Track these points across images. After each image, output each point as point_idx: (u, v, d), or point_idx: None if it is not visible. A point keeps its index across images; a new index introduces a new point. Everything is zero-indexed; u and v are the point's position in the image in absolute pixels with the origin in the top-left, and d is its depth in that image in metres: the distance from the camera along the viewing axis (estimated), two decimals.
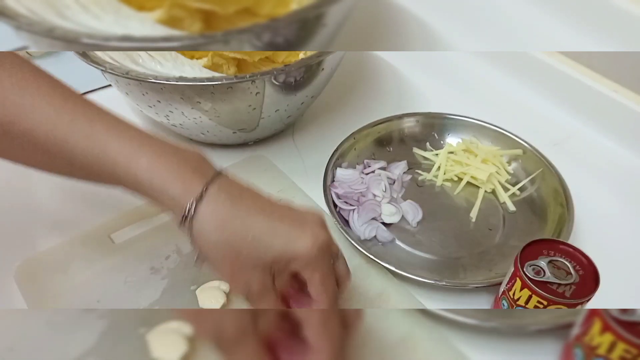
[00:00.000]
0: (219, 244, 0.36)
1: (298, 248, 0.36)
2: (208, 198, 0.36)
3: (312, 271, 0.37)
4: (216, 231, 0.36)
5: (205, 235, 0.36)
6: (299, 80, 0.53)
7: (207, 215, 0.36)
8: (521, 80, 0.71)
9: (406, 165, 0.59)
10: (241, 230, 0.36)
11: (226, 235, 0.36)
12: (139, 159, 0.36)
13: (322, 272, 0.38)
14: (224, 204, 0.36)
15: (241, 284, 0.37)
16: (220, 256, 0.37)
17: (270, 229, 0.36)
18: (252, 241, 0.36)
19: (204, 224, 0.36)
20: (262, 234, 0.36)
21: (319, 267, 0.38)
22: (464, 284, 0.47)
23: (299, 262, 0.37)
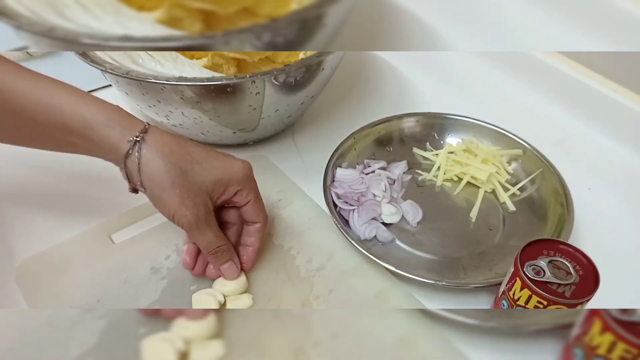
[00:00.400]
0: (169, 168, 0.40)
1: (235, 169, 0.43)
2: (153, 130, 0.41)
3: (248, 191, 0.44)
4: (165, 157, 0.40)
5: (154, 162, 0.40)
6: (299, 80, 0.53)
7: (156, 144, 0.40)
8: (521, 80, 0.71)
9: (406, 165, 0.59)
10: (186, 156, 0.41)
11: (174, 159, 0.40)
12: (84, 103, 0.40)
13: (255, 191, 0.45)
14: (167, 135, 0.41)
15: (188, 209, 0.41)
16: (170, 181, 0.40)
17: (209, 156, 0.42)
18: (196, 164, 0.41)
19: (152, 152, 0.40)
20: (203, 159, 0.42)
21: (254, 188, 0.45)
22: (464, 284, 0.47)
23: (236, 183, 0.43)
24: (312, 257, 0.49)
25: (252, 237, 0.47)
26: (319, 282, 0.47)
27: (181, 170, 0.41)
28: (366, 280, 0.48)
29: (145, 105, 0.54)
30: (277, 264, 0.49)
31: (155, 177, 0.40)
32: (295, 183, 0.57)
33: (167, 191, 0.41)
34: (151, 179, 0.41)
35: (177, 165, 0.40)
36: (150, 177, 0.41)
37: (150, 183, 0.41)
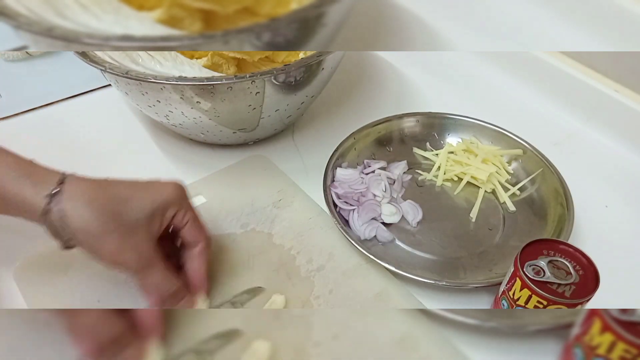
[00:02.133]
0: (97, 215, 0.37)
1: (167, 192, 0.40)
2: (69, 179, 0.38)
3: (185, 211, 0.42)
4: (89, 205, 0.37)
5: (80, 212, 0.37)
6: (299, 80, 0.53)
7: (76, 193, 0.37)
8: (521, 80, 0.71)
9: (406, 165, 0.59)
10: (111, 198, 0.38)
11: (99, 205, 0.37)
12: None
13: (193, 212, 0.43)
14: (85, 181, 0.39)
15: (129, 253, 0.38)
16: (102, 229, 0.37)
17: (135, 190, 0.39)
18: (125, 203, 0.38)
19: (75, 202, 0.37)
20: (130, 195, 0.39)
21: (190, 207, 0.43)
22: (464, 284, 0.47)
23: (172, 206, 0.40)
24: (312, 257, 0.49)
25: (196, 260, 0.43)
26: (319, 282, 0.47)
27: (111, 214, 0.37)
28: (366, 280, 0.48)
29: (145, 105, 0.54)
30: (277, 264, 0.49)
31: (85, 228, 0.37)
32: (296, 183, 0.57)
33: (102, 240, 0.38)
34: (81, 231, 0.37)
35: (106, 210, 0.37)
36: (79, 229, 0.37)
37: (81, 236, 0.38)
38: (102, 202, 0.37)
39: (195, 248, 0.43)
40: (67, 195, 0.37)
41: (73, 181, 0.38)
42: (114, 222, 0.37)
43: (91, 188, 0.38)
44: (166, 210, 0.41)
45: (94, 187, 0.38)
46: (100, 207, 0.37)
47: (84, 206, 0.37)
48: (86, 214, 0.37)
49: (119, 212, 0.38)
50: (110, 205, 0.37)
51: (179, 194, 0.42)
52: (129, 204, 0.38)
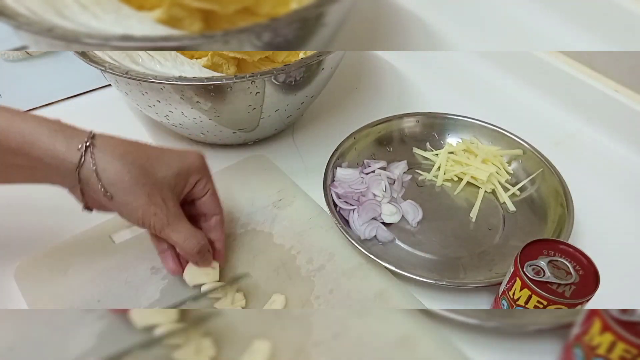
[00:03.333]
0: (129, 169, 0.38)
1: (191, 159, 0.42)
2: (99, 135, 0.39)
3: (207, 181, 0.44)
4: (122, 158, 0.38)
5: (112, 165, 0.38)
6: (299, 80, 0.53)
7: (108, 147, 0.38)
8: (521, 80, 0.71)
9: (406, 165, 0.59)
10: (141, 154, 0.40)
11: (131, 158, 0.39)
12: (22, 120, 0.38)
13: (213, 183, 0.45)
14: (115, 137, 0.40)
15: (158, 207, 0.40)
16: (134, 181, 0.39)
17: (162, 153, 0.41)
18: (154, 160, 0.40)
19: (107, 156, 0.38)
20: (159, 154, 0.41)
21: (211, 178, 0.45)
22: (464, 284, 0.47)
23: (195, 172, 0.43)
24: (312, 257, 0.49)
25: (216, 231, 0.46)
26: (319, 282, 0.47)
27: (141, 168, 0.39)
28: (366, 280, 0.48)
29: (145, 105, 0.54)
30: (278, 263, 0.49)
31: (117, 180, 0.38)
32: (296, 183, 0.57)
33: (133, 192, 0.39)
34: (113, 183, 0.38)
35: (136, 164, 0.39)
36: (111, 182, 0.38)
37: (113, 188, 0.38)
38: (133, 157, 0.39)
39: (213, 218, 0.46)
40: (99, 149, 0.38)
41: (104, 137, 0.40)
42: (144, 176, 0.39)
43: (122, 144, 0.40)
44: (190, 175, 0.43)
45: (124, 144, 0.40)
46: (132, 161, 0.39)
47: (116, 159, 0.38)
48: (118, 167, 0.38)
49: (149, 168, 0.40)
50: (140, 160, 0.39)
51: (202, 163, 0.44)
52: (157, 161, 0.40)
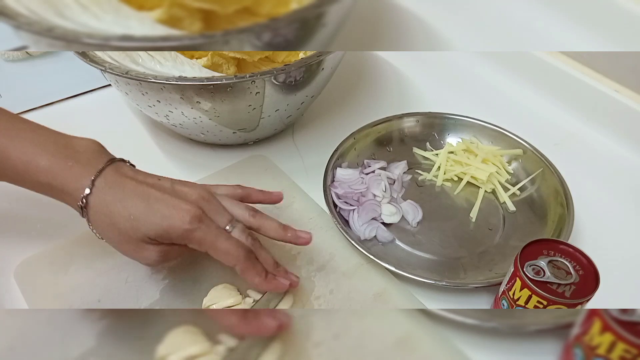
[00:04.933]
0: (109, 227, 0.41)
1: (172, 224, 0.40)
2: (95, 191, 0.41)
3: (198, 244, 0.41)
4: (105, 217, 0.41)
5: (98, 222, 0.42)
6: (299, 80, 0.53)
7: (96, 206, 0.41)
8: (521, 80, 0.71)
9: (406, 165, 0.59)
10: (123, 213, 0.41)
11: (113, 218, 0.41)
12: (36, 162, 0.41)
13: (206, 240, 0.41)
14: (108, 193, 0.41)
15: (141, 256, 0.42)
16: (115, 238, 0.42)
17: (147, 210, 0.41)
18: (134, 222, 0.40)
19: (95, 213, 0.41)
20: (140, 214, 0.40)
21: (200, 237, 0.41)
22: (464, 284, 0.47)
23: (178, 237, 0.41)
24: (312, 257, 0.49)
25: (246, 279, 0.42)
26: (319, 283, 0.47)
27: (119, 229, 0.41)
28: (366, 280, 0.48)
29: (145, 105, 0.54)
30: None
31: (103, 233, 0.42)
32: (296, 183, 0.57)
33: (117, 246, 0.43)
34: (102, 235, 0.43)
35: (114, 225, 0.41)
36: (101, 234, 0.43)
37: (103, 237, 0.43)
38: (114, 217, 0.41)
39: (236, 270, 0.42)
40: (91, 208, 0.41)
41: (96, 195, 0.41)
42: (122, 233, 0.41)
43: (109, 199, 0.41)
44: (171, 240, 0.41)
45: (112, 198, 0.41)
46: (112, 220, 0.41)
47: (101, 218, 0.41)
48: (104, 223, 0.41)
49: (127, 228, 0.41)
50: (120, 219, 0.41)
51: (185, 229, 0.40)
52: (135, 222, 0.40)
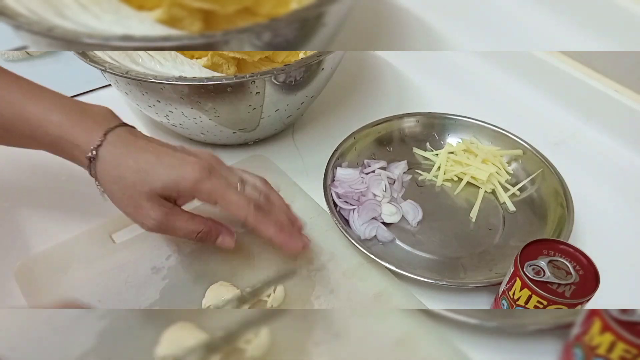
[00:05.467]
0: (116, 179, 0.42)
1: (181, 174, 0.41)
2: (106, 144, 0.42)
3: (204, 195, 0.42)
4: (113, 169, 0.41)
5: (105, 173, 0.42)
6: (299, 80, 0.53)
7: (106, 156, 0.41)
8: (521, 80, 0.71)
9: (406, 165, 0.59)
10: (132, 165, 0.41)
11: (121, 170, 0.41)
12: (49, 117, 0.42)
13: (216, 191, 0.42)
14: (119, 146, 0.42)
15: (143, 216, 0.42)
16: (120, 191, 0.42)
17: (155, 161, 0.42)
18: (141, 172, 0.41)
19: (104, 164, 0.42)
20: (148, 165, 0.41)
21: (209, 188, 0.42)
22: (464, 284, 0.47)
23: (186, 188, 0.41)
24: (312, 257, 0.49)
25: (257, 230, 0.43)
26: (320, 282, 0.47)
27: (126, 181, 0.41)
28: (367, 280, 0.48)
29: (145, 105, 0.54)
30: (278, 264, 0.49)
31: (108, 186, 0.43)
32: (296, 183, 0.57)
33: (119, 199, 0.43)
34: (105, 188, 0.43)
35: (122, 176, 0.41)
36: (104, 186, 0.43)
37: (107, 192, 0.43)
38: (123, 168, 0.41)
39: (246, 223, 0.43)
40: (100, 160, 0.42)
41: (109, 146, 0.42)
42: (128, 186, 0.41)
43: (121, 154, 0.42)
44: (181, 192, 0.42)
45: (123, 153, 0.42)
46: (120, 172, 0.41)
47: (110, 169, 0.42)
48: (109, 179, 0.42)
49: (135, 180, 0.41)
50: (129, 172, 0.41)
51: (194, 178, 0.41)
52: (143, 174, 0.41)
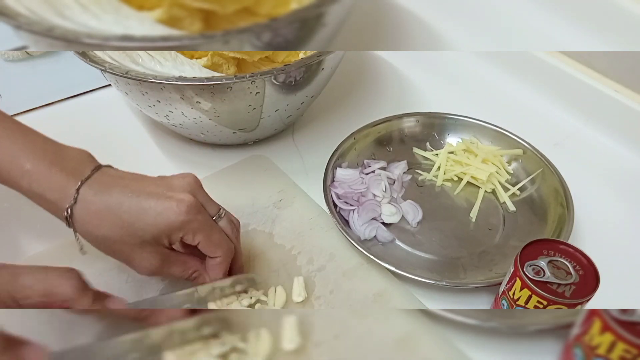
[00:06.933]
0: (102, 239, 0.40)
1: (168, 219, 0.39)
2: (81, 201, 0.39)
3: (192, 235, 0.41)
4: (95, 229, 0.39)
5: (87, 234, 0.40)
6: (299, 80, 0.53)
7: (83, 217, 0.39)
8: (521, 80, 0.71)
9: (406, 165, 0.59)
10: (115, 221, 0.39)
11: (104, 230, 0.39)
12: (21, 165, 0.39)
13: (202, 230, 0.41)
14: (95, 202, 0.39)
15: (135, 266, 0.41)
16: (107, 248, 0.40)
17: (139, 210, 0.39)
18: (127, 227, 0.39)
19: (83, 226, 0.39)
20: (132, 217, 0.39)
21: (198, 228, 0.41)
22: (464, 284, 0.47)
23: (176, 230, 0.40)
24: (312, 257, 0.49)
25: (213, 271, 0.43)
26: (320, 283, 0.47)
27: (112, 239, 0.39)
28: (367, 280, 0.48)
29: (145, 105, 0.54)
30: (278, 264, 0.49)
31: (94, 244, 0.41)
32: (296, 183, 0.57)
33: (113, 255, 0.41)
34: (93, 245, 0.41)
35: (107, 236, 0.39)
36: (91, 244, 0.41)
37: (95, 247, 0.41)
38: (106, 227, 0.39)
39: (213, 260, 0.43)
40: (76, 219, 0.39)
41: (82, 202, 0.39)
42: (117, 242, 0.39)
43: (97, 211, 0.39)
44: (171, 235, 0.40)
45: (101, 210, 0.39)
46: (103, 232, 0.39)
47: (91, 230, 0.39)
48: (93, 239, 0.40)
49: (122, 235, 0.39)
50: (113, 228, 0.39)
51: (181, 219, 0.40)
52: (130, 228, 0.39)
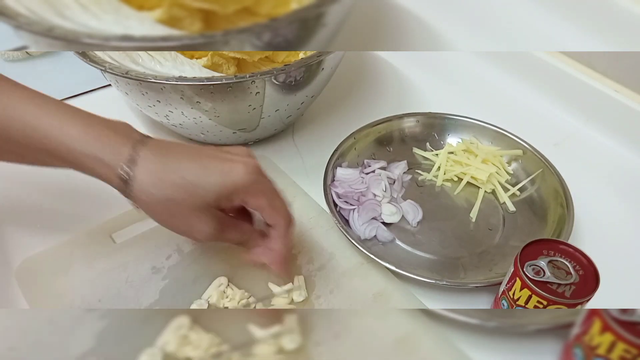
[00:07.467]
0: (161, 200, 0.38)
1: (233, 178, 0.38)
2: (140, 160, 0.38)
3: (256, 197, 0.40)
4: (155, 188, 0.37)
5: (146, 195, 0.38)
6: (299, 80, 0.53)
7: (143, 176, 0.37)
8: (521, 80, 0.71)
9: (406, 165, 0.59)
10: (177, 180, 0.37)
11: (165, 189, 0.37)
12: (69, 130, 0.38)
13: (266, 193, 0.40)
14: (155, 161, 0.38)
15: (194, 231, 0.39)
16: (166, 211, 0.39)
17: (202, 170, 0.38)
18: (190, 187, 0.38)
19: (142, 185, 0.37)
20: (196, 177, 0.38)
21: (263, 190, 0.40)
22: (464, 284, 0.47)
23: (240, 192, 0.39)
24: (313, 257, 0.49)
25: (274, 241, 0.43)
26: (320, 282, 0.47)
27: (173, 200, 0.38)
28: (367, 280, 0.48)
29: (145, 105, 0.54)
30: None
31: (151, 208, 0.39)
32: (296, 183, 0.57)
33: (167, 220, 0.40)
34: (149, 210, 0.39)
35: (168, 196, 0.38)
36: (146, 207, 0.39)
37: (150, 213, 0.40)
38: (167, 186, 0.38)
39: (274, 229, 0.42)
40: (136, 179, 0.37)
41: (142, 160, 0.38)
42: (176, 204, 0.38)
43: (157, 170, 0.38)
44: (233, 195, 0.39)
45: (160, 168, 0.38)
46: (164, 191, 0.38)
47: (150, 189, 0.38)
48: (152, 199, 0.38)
49: (184, 196, 0.38)
50: (175, 189, 0.38)
51: (248, 179, 0.39)
52: (192, 188, 0.38)
